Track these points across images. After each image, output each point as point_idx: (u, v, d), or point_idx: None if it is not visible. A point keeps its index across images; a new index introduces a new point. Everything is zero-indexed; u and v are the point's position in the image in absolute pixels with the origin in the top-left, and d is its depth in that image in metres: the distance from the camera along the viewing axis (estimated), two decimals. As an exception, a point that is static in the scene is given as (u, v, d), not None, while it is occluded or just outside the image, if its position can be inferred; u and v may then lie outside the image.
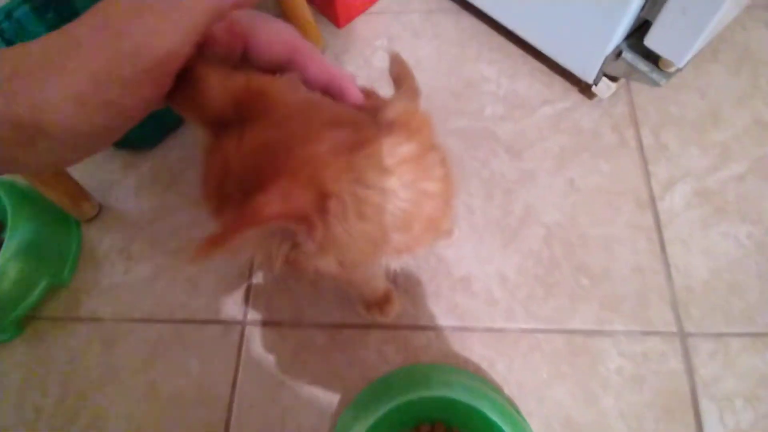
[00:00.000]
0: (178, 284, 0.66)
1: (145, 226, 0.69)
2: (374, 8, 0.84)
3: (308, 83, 0.32)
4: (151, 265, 0.67)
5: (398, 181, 0.31)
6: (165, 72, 0.25)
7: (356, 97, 0.33)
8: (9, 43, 0.74)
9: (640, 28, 0.62)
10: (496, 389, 0.57)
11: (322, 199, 0.28)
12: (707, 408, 0.56)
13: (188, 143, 0.76)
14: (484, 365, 0.60)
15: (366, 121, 0.32)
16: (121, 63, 0.24)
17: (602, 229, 0.65)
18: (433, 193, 0.34)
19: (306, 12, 0.71)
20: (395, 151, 0.31)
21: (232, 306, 0.64)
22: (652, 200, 0.66)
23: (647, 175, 0.68)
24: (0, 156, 0.24)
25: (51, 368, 0.64)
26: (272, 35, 0.31)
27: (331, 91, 0.33)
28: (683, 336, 0.59)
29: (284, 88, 0.30)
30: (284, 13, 0.72)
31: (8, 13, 0.76)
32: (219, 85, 0.28)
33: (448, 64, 0.78)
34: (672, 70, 0.61)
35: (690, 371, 0.58)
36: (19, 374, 0.64)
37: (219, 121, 0.29)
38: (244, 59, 0.32)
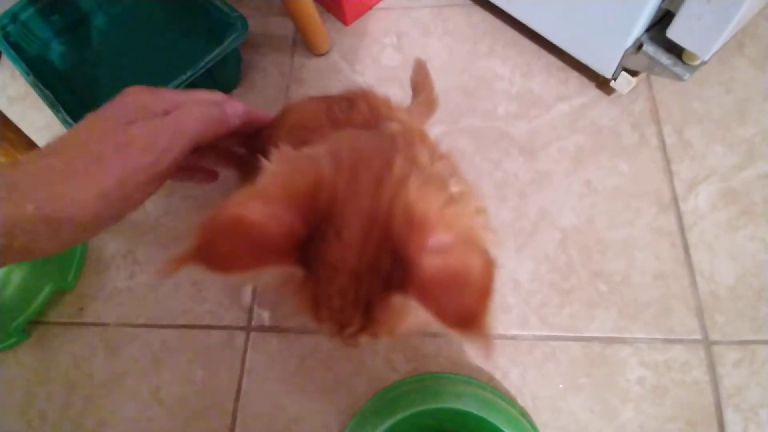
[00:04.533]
0: (182, 289, 0.65)
1: (149, 230, 0.68)
2: (383, 4, 0.81)
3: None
4: (155, 271, 0.66)
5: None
6: (167, 176, 0.33)
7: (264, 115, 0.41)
8: (14, 45, 0.74)
9: (662, 19, 0.59)
10: (509, 400, 0.55)
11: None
12: (731, 419, 0.53)
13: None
14: (497, 375, 0.57)
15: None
16: (139, 172, 0.31)
17: (622, 232, 0.62)
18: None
19: (312, 10, 0.69)
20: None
21: (237, 311, 0.63)
22: (675, 202, 0.63)
23: (670, 175, 0.65)
24: (27, 247, 0.28)
25: (56, 374, 0.63)
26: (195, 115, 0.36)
27: (248, 125, 0.39)
28: (708, 344, 0.56)
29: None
30: (290, 12, 0.70)
31: (14, 16, 0.76)
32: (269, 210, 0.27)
33: (459, 62, 0.75)
34: (696, 63, 0.58)
35: (714, 381, 0.55)
36: (25, 379, 0.63)
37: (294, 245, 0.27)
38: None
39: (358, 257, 0.26)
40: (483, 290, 0.24)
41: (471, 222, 0.29)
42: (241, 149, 0.45)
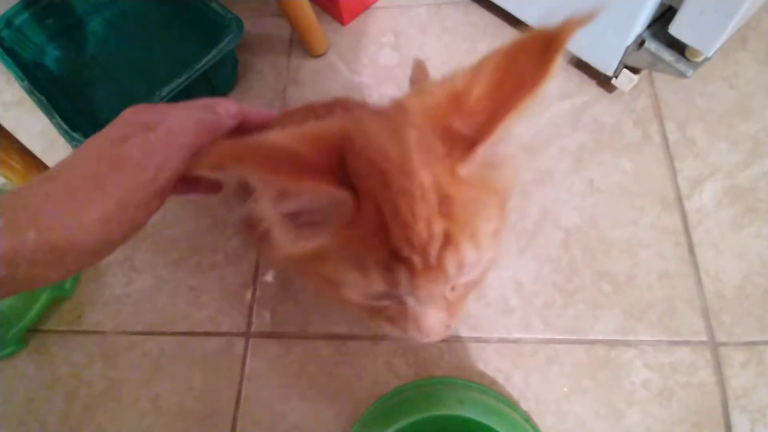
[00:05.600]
0: (180, 295, 0.64)
1: (147, 236, 0.67)
2: (380, 3, 0.80)
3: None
4: (153, 276, 0.65)
5: None
6: (168, 190, 0.32)
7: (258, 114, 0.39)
8: (9, 51, 0.73)
9: (664, 15, 0.58)
10: (512, 405, 0.54)
11: None
12: (738, 420, 0.53)
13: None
14: (500, 378, 0.56)
15: None
16: (138, 190, 0.30)
17: (625, 231, 0.61)
18: None
19: (308, 11, 0.68)
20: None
21: (236, 317, 0.62)
22: (679, 200, 0.62)
23: (673, 172, 0.63)
24: (30, 276, 0.28)
25: (55, 382, 0.62)
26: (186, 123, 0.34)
27: (246, 125, 0.38)
28: (714, 345, 0.55)
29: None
30: (286, 13, 0.69)
31: (8, 21, 0.75)
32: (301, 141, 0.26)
33: (457, 60, 0.74)
34: (699, 59, 0.57)
35: (721, 382, 0.54)
36: (24, 389, 0.63)
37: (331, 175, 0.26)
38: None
39: (415, 162, 0.26)
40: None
41: None
42: None
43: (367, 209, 0.26)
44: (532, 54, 0.25)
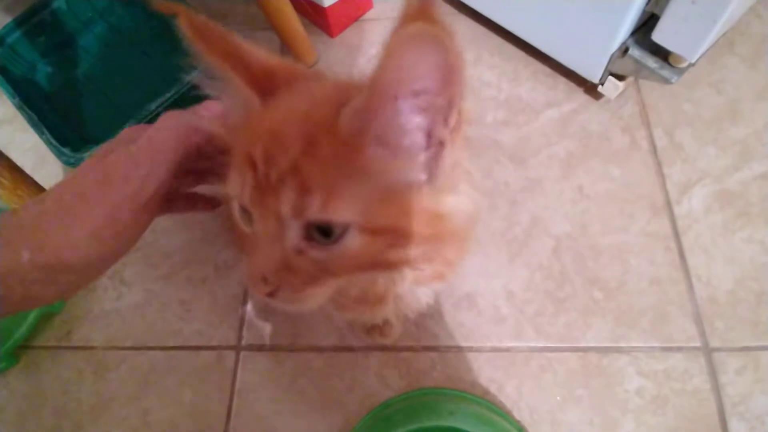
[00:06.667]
0: (170, 309, 0.64)
1: (137, 249, 0.67)
2: (368, 15, 0.81)
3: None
4: (143, 290, 0.65)
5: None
6: (155, 201, 0.32)
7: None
8: (1, 69, 0.74)
9: (647, 22, 0.58)
10: (506, 415, 0.54)
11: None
12: (736, 428, 0.52)
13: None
14: (493, 388, 0.56)
15: None
16: (126, 202, 0.30)
17: (615, 238, 0.61)
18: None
19: (295, 23, 0.69)
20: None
21: (227, 330, 0.62)
22: (669, 205, 0.62)
23: (662, 178, 0.63)
24: (27, 295, 0.28)
25: (45, 399, 0.62)
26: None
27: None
28: (708, 351, 0.55)
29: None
30: (273, 26, 0.70)
31: (0, 40, 0.75)
32: (264, 54, 0.30)
33: (446, 70, 0.74)
34: (683, 65, 0.57)
35: (717, 389, 0.54)
36: (15, 405, 0.62)
37: (266, 84, 0.29)
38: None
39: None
40: None
41: None
42: None
43: (260, 117, 0.28)
44: None
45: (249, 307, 0.63)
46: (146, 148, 0.32)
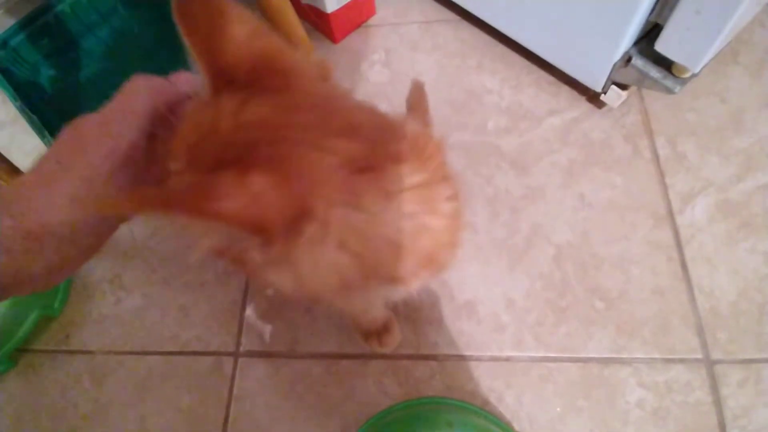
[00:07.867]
0: (169, 314, 0.63)
1: (136, 254, 0.67)
2: (371, 21, 0.81)
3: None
4: (142, 295, 0.65)
5: (397, 211, 0.28)
6: (133, 163, 0.31)
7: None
8: (4, 71, 0.74)
9: (651, 32, 0.58)
10: (505, 425, 0.53)
11: (301, 218, 0.24)
12: (738, 441, 0.51)
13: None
14: (492, 398, 0.55)
15: (385, 137, 0.29)
16: (102, 163, 0.30)
17: (617, 247, 0.61)
18: (434, 229, 0.31)
19: (299, 30, 0.69)
20: (403, 177, 0.28)
21: (225, 336, 0.62)
22: (671, 215, 0.61)
23: (664, 187, 0.63)
24: (16, 269, 0.28)
25: (43, 403, 0.61)
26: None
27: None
28: (709, 363, 0.54)
29: (312, 74, 0.29)
30: (274, 26, 0.69)
31: (4, 42, 0.75)
32: (244, 40, 0.28)
33: (448, 77, 0.74)
34: (687, 75, 0.57)
35: (718, 402, 0.53)
36: (13, 409, 0.62)
37: (226, 75, 0.27)
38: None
39: (231, 130, 0.26)
40: None
41: None
42: None
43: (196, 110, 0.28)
44: None
45: (248, 312, 0.62)
46: (116, 108, 0.32)
